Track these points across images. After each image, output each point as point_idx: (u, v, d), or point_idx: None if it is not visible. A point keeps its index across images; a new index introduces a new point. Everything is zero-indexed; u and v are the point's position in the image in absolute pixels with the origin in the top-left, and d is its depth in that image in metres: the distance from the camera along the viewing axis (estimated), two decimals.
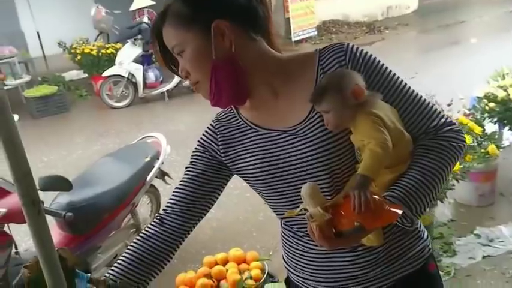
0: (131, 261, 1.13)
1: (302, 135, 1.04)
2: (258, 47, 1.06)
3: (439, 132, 1.06)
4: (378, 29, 11.97)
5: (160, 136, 3.40)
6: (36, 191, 0.85)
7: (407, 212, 0.97)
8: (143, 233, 1.18)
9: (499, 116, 3.65)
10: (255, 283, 2.43)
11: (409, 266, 1.12)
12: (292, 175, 1.06)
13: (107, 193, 2.78)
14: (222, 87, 1.03)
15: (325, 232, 0.91)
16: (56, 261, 0.88)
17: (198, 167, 1.19)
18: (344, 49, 1.04)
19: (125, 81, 7.33)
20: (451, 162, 1.05)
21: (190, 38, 1.01)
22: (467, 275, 2.76)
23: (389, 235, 1.08)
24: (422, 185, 0.99)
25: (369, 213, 0.89)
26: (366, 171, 0.92)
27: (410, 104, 1.05)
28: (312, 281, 1.16)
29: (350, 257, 1.09)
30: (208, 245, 3.42)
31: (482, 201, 3.47)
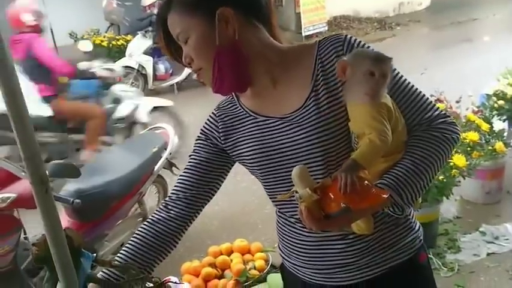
0: (138, 245, 1.17)
1: (298, 123, 1.07)
2: (260, 36, 1.09)
3: (432, 123, 1.08)
4: (389, 26, 11.89)
5: (168, 127, 3.44)
6: (45, 170, 0.87)
7: (397, 199, 0.99)
8: (149, 219, 1.22)
9: (507, 114, 3.64)
10: (259, 273, 2.46)
11: (400, 255, 1.14)
12: (287, 161, 1.09)
13: (115, 181, 2.82)
14: (225, 73, 1.05)
15: (313, 213, 0.93)
16: (63, 239, 0.92)
17: (201, 155, 1.22)
18: (342, 40, 1.06)
19: (135, 72, 7.36)
20: (443, 153, 1.06)
21: (194, 24, 1.04)
22: (471, 272, 2.77)
23: (380, 224, 1.10)
24: (414, 173, 1.01)
25: (355, 194, 0.91)
26: (358, 158, 0.94)
27: (405, 95, 1.08)
28: (304, 268, 1.19)
29: (341, 244, 1.11)
30: (214, 236, 3.45)
31: (489, 198, 3.46)
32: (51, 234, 0.90)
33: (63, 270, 0.93)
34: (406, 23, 12.24)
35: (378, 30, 11.61)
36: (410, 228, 1.17)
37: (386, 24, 12.01)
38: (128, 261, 1.14)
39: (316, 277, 1.17)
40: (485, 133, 3.29)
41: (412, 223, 1.19)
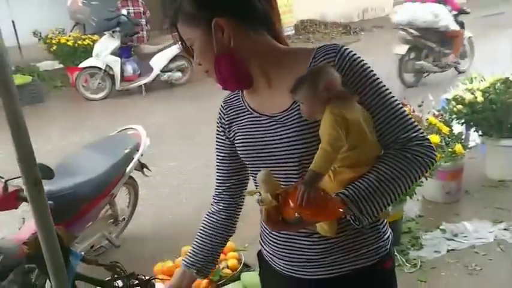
0: (203, 236, 1.37)
1: (282, 123, 1.15)
2: (256, 39, 1.16)
3: (407, 144, 1.10)
4: (354, 30, 12.17)
5: (140, 128, 3.43)
6: (38, 172, 0.91)
7: (355, 211, 1.03)
8: (207, 213, 1.41)
9: (466, 118, 3.82)
10: (232, 272, 2.51)
11: (364, 260, 1.19)
12: (269, 158, 1.18)
13: (86, 183, 2.80)
14: (225, 76, 1.16)
15: (271, 216, 1.01)
16: (54, 237, 0.95)
17: (222, 147, 1.33)
18: (336, 50, 1.11)
19: (102, 73, 7.27)
20: (411, 175, 1.08)
21: (196, 34, 1.14)
22: (433, 267, 2.90)
23: (346, 229, 1.15)
24: (377, 190, 1.05)
25: (310, 208, 0.96)
26: (315, 167, 1.00)
27: (387, 112, 1.10)
28: (276, 258, 1.27)
29: (307, 241, 1.18)
30: (185, 237, 3.43)
31: (449, 198, 3.64)
32: (44, 233, 0.93)
33: (54, 269, 0.96)
34: (370, 28, 12.57)
35: (343, 35, 11.87)
36: (377, 237, 1.21)
37: (351, 29, 12.28)
38: (199, 249, 1.36)
39: (286, 268, 1.25)
40: (446, 136, 3.46)
41: (381, 232, 1.22)
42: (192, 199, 4.11)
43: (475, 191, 3.81)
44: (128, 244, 3.44)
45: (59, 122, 6.53)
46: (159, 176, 4.53)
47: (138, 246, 3.45)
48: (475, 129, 3.94)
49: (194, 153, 5.13)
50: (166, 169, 4.75)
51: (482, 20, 13.13)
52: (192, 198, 4.12)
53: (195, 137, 5.62)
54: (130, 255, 3.32)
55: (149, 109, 6.91)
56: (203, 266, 1.36)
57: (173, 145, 5.41)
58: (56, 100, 7.68)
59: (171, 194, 4.25)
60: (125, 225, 3.50)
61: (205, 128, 5.87)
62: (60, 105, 7.48)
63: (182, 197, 4.16)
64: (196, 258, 1.36)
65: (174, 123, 6.20)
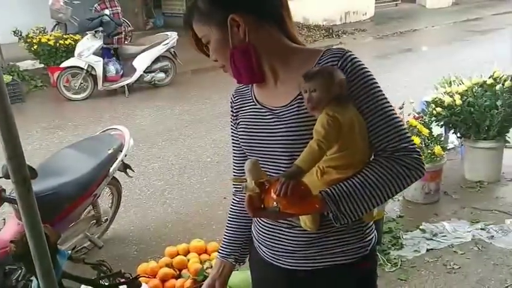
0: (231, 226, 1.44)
1: (280, 117, 1.20)
2: (269, 35, 1.21)
3: (395, 153, 1.12)
4: (336, 34, 12.27)
5: (123, 129, 3.41)
6: (27, 170, 0.91)
7: (333, 209, 1.08)
8: (231, 204, 1.46)
9: (445, 120, 3.90)
10: None
11: (342, 257, 1.23)
12: (263, 149, 1.23)
13: (68, 183, 2.78)
14: (241, 70, 1.21)
15: (252, 203, 1.07)
16: (42, 236, 0.96)
17: (234, 136, 1.37)
18: (340, 55, 1.16)
19: (84, 73, 7.18)
20: (396, 184, 1.11)
21: (211, 31, 1.19)
22: (412, 266, 2.97)
23: (328, 226, 1.18)
24: (358, 192, 1.09)
25: (288, 199, 1.01)
26: (300, 163, 1.05)
27: (380, 119, 1.13)
28: (262, 246, 1.33)
29: (289, 233, 1.24)
30: (168, 237, 3.47)
31: (428, 198, 3.71)
32: (32, 232, 0.94)
33: (42, 268, 0.96)
34: (352, 31, 12.71)
35: (326, 38, 11.95)
36: (359, 238, 1.24)
37: (333, 32, 12.39)
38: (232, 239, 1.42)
39: (269, 256, 1.31)
40: (425, 137, 3.54)
41: (363, 233, 1.26)
42: (175, 199, 4.11)
43: (454, 191, 3.89)
44: (110, 245, 3.43)
45: (40, 122, 6.43)
46: (142, 176, 4.52)
47: (121, 246, 3.44)
48: (454, 131, 4.03)
49: (178, 154, 5.13)
50: (149, 169, 4.74)
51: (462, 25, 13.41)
52: (176, 199, 4.12)
53: (178, 138, 5.61)
54: (113, 255, 3.30)
55: (132, 110, 6.87)
56: (240, 254, 1.43)
57: (156, 146, 5.39)
58: (37, 100, 7.56)
59: (154, 194, 4.24)
60: (108, 225, 3.48)
61: (188, 129, 5.92)
62: (41, 105, 7.37)
63: (165, 198, 4.16)
64: (231, 248, 1.42)
65: (157, 124, 6.17)
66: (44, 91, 7.96)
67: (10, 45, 8.40)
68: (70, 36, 8.16)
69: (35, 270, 0.97)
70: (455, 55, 8.34)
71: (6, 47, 8.38)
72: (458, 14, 15.02)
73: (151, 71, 7.64)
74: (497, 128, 3.75)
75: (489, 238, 3.21)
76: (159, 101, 7.24)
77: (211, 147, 5.21)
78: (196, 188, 4.28)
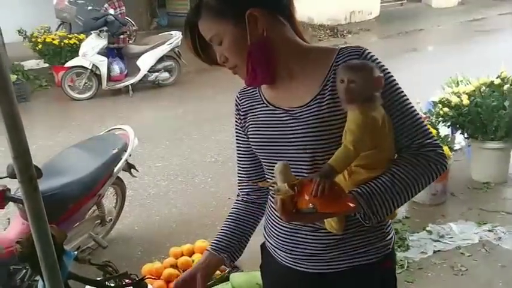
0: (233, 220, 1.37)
1: (298, 118, 1.16)
2: (285, 32, 1.18)
3: (421, 149, 1.14)
4: (341, 33, 12.25)
5: (128, 128, 3.41)
6: (33, 169, 0.90)
7: (366, 209, 1.07)
8: (234, 202, 1.42)
9: (452, 121, 3.87)
10: (221, 273, 2.50)
11: (366, 257, 1.22)
12: (282, 151, 1.19)
13: (73, 183, 2.77)
14: (257, 69, 1.15)
15: (286, 206, 1.03)
16: (48, 236, 0.94)
17: (240, 138, 1.34)
18: (359, 53, 1.14)
19: (88, 73, 7.19)
20: (423, 179, 1.12)
21: (226, 28, 1.13)
22: (419, 268, 2.94)
23: (353, 226, 1.18)
24: (389, 190, 1.08)
25: (324, 199, 0.99)
26: (333, 163, 1.03)
27: (405, 117, 1.13)
28: (280, 250, 1.29)
29: (312, 235, 1.21)
30: (172, 238, 3.46)
31: (435, 200, 3.68)
32: (38, 230, 0.92)
33: (48, 268, 0.95)
34: (357, 31, 12.67)
35: (331, 38, 11.93)
36: (381, 237, 1.24)
37: (338, 31, 12.36)
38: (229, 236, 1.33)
39: (288, 260, 1.27)
40: None
41: (385, 232, 1.25)
42: (179, 199, 4.10)
43: (461, 192, 3.86)
44: (115, 245, 3.41)
45: (44, 122, 6.44)
46: (146, 176, 4.51)
47: (126, 247, 3.43)
48: (461, 131, 4.00)
49: (182, 154, 5.11)
50: (153, 169, 4.73)
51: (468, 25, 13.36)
52: (180, 199, 4.11)
53: (183, 137, 5.60)
54: (118, 256, 3.29)
55: (136, 109, 6.87)
56: (233, 251, 1.33)
57: (160, 145, 5.38)
58: (42, 100, 7.57)
59: (158, 194, 4.23)
60: (112, 225, 3.47)
61: (192, 129, 5.90)
62: (45, 104, 7.38)
63: (169, 198, 4.15)
64: (225, 244, 1.32)
65: (161, 124, 6.16)
66: (49, 91, 7.97)
67: (15, 45, 8.41)
68: (75, 35, 8.17)
69: (40, 270, 0.95)
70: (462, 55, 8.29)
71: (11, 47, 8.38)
72: (465, 13, 14.94)
73: (155, 71, 7.63)
74: (505, 128, 3.71)
75: (496, 240, 3.18)
76: (163, 101, 7.23)
77: (216, 147, 5.19)
78: (200, 188, 4.26)
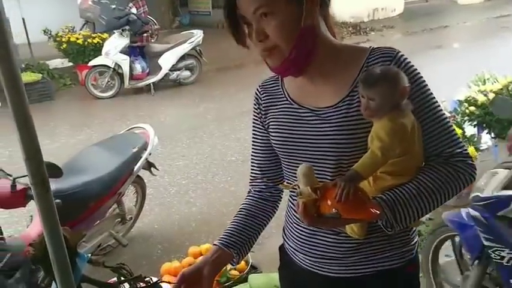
0: (243, 216, 1.31)
1: (325, 119, 1.11)
2: (322, 24, 1.12)
3: (450, 159, 1.09)
4: (364, 31, 12.10)
5: (148, 127, 3.42)
6: (45, 170, 0.88)
7: (390, 216, 1.03)
8: (243, 203, 1.36)
9: (478, 120, 3.75)
10: (239, 274, 2.49)
11: (388, 262, 1.18)
12: (305, 152, 1.14)
13: (94, 182, 2.79)
14: (301, 55, 1.07)
15: (308, 210, 0.99)
16: (61, 238, 0.93)
17: (257, 133, 1.30)
18: (393, 56, 1.08)
19: (111, 71, 7.27)
20: (451, 190, 1.08)
21: (283, 1, 1.03)
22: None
23: (374, 231, 1.14)
24: (414, 199, 1.04)
25: (348, 204, 0.96)
26: (359, 169, 0.99)
27: (435, 124, 1.09)
28: (299, 253, 1.26)
29: (333, 239, 1.17)
30: (192, 237, 3.46)
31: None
32: (50, 233, 0.91)
33: (60, 271, 0.93)
34: (380, 28, 12.50)
35: (353, 35, 11.80)
36: (405, 242, 1.20)
37: (361, 29, 12.22)
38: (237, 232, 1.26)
39: (308, 263, 1.24)
40: None
41: (409, 237, 1.21)
42: (199, 198, 4.10)
43: None
44: (135, 243, 3.44)
45: (67, 120, 6.54)
46: (166, 175, 4.53)
47: (145, 245, 3.45)
48: (488, 131, 3.88)
49: (202, 152, 5.12)
50: (173, 168, 4.74)
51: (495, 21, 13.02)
52: (200, 198, 4.11)
53: (203, 136, 5.61)
54: (138, 254, 3.31)
55: (158, 108, 6.91)
56: (242, 248, 1.27)
57: (181, 144, 5.40)
58: (65, 98, 7.70)
59: (178, 193, 4.23)
60: (132, 224, 3.49)
61: (213, 127, 5.90)
62: (69, 103, 7.49)
63: (189, 197, 4.15)
64: (235, 240, 1.26)
65: (182, 122, 6.18)
66: (73, 89, 8.10)
67: (40, 44, 8.57)
68: (98, 35, 8.27)
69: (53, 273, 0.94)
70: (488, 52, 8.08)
71: (36, 46, 8.56)
72: (491, 9, 14.57)
73: (176, 69, 7.67)
74: None
75: None
76: (184, 99, 7.26)
77: (236, 146, 5.18)
78: (220, 188, 4.25)
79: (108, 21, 7.53)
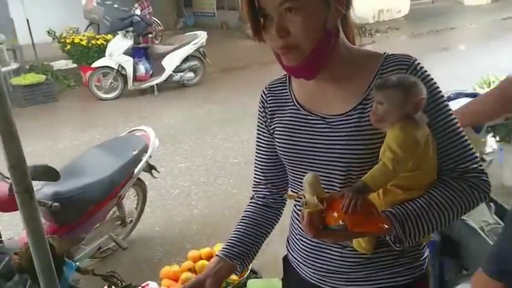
0: (246, 225, 1.27)
1: (335, 127, 1.06)
2: (340, 28, 1.07)
3: (465, 175, 1.05)
4: (369, 32, 12.04)
5: (149, 129, 3.40)
6: (30, 178, 0.86)
7: (399, 232, 0.98)
8: (245, 210, 1.32)
9: None
10: (238, 278, 2.46)
11: (396, 279, 1.14)
12: (313, 161, 1.10)
13: (93, 184, 2.77)
14: (321, 57, 1.03)
15: (313, 221, 0.94)
16: (46, 247, 0.90)
17: (262, 137, 1.26)
18: (409, 64, 1.04)
19: (115, 73, 7.27)
20: (464, 206, 1.03)
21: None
22: None
23: (382, 246, 1.09)
24: (425, 214, 1.00)
25: (355, 216, 0.91)
26: (369, 180, 0.94)
27: (450, 138, 1.04)
28: (303, 265, 1.22)
29: (338, 254, 1.13)
30: (193, 240, 3.44)
31: None
32: (35, 241, 0.89)
33: (45, 279, 0.91)
34: (386, 30, 12.44)
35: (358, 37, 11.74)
36: (415, 257, 1.16)
37: (366, 30, 12.14)
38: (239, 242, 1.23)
39: (312, 276, 1.20)
40: None
41: (419, 253, 1.17)
42: (201, 201, 4.08)
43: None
44: (135, 246, 3.41)
45: (71, 121, 6.54)
46: (169, 177, 4.51)
47: (146, 248, 3.42)
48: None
49: (205, 154, 5.10)
50: (175, 170, 4.73)
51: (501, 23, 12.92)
52: (202, 200, 4.09)
53: (206, 138, 5.59)
54: (138, 257, 3.29)
55: (161, 109, 6.90)
56: (246, 258, 1.23)
57: (184, 146, 5.38)
58: (69, 99, 7.71)
59: (180, 195, 4.21)
60: (133, 227, 3.47)
61: (216, 129, 5.88)
62: (72, 104, 7.50)
63: (191, 199, 4.13)
64: (238, 251, 1.22)
65: (185, 124, 6.17)
66: (76, 90, 8.11)
67: (44, 45, 8.60)
68: (102, 36, 8.28)
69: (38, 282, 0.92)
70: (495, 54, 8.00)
71: (40, 47, 8.59)
72: (497, 11, 14.48)
73: (180, 71, 7.66)
74: None
75: None
76: (188, 101, 7.25)
77: (239, 148, 5.15)
78: (222, 190, 4.23)
79: (111, 22, 7.54)
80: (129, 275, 3.02)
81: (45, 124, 6.38)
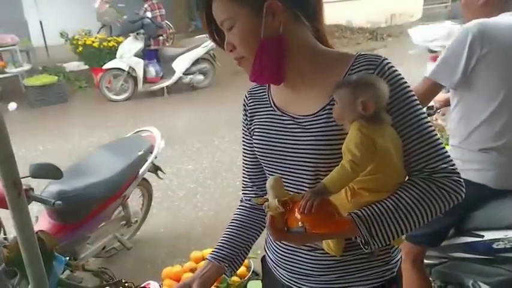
0: (235, 228, 1.29)
1: (305, 128, 1.08)
2: (302, 32, 1.09)
3: (433, 175, 1.03)
4: (381, 36, 11.99)
5: (154, 130, 3.42)
6: (18, 173, 0.87)
7: (364, 233, 0.97)
8: (234, 213, 1.35)
9: None
10: (240, 280, 2.45)
11: (367, 281, 1.13)
12: (283, 161, 1.11)
13: (98, 184, 2.79)
14: (265, 65, 1.07)
15: (276, 223, 0.96)
16: (34, 242, 0.91)
17: (246, 140, 1.28)
18: (377, 63, 1.04)
19: (125, 74, 7.34)
20: (433, 207, 1.01)
21: (241, 14, 1.03)
22: None
23: (353, 249, 1.09)
24: (392, 215, 0.99)
25: (315, 217, 0.92)
26: (328, 183, 0.94)
27: (418, 138, 1.02)
28: (278, 266, 1.23)
29: (309, 256, 1.13)
30: (198, 242, 3.44)
31: None
32: (22, 236, 0.90)
33: (33, 273, 0.92)
34: (398, 34, 12.35)
35: (370, 41, 11.70)
36: (386, 261, 1.15)
37: (378, 34, 12.10)
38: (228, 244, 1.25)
39: (286, 278, 1.21)
40: None
41: (389, 256, 1.16)
42: (207, 203, 4.08)
43: None
44: (140, 246, 3.43)
45: (81, 122, 6.61)
46: (175, 178, 4.52)
47: (150, 249, 3.43)
48: None
49: (212, 157, 5.11)
50: (183, 172, 4.74)
51: None
52: (207, 202, 4.09)
53: (214, 140, 5.60)
54: (142, 257, 3.30)
55: (170, 111, 6.94)
56: (234, 260, 1.25)
57: (192, 148, 5.40)
58: (80, 100, 7.79)
59: (186, 197, 4.22)
60: (138, 227, 3.49)
61: (224, 131, 5.88)
62: (83, 105, 7.59)
63: (197, 201, 4.13)
64: (226, 253, 1.24)
65: (194, 126, 6.19)
66: (88, 92, 8.20)
67: (57, 47, 8.72)
68: (114, 38, 8.37)
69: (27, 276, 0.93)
70: None
71: (53, 49, 8.71)
72: None
73: (190, 73, 7.71)
74: None
75: None
76: (197, 103, 7.28)
77: None
78: (228, 192, 4.23)
79: (123, 24, 7.61)
80: (133, 275, 3.04)
81: (56, 124, 6.45)
